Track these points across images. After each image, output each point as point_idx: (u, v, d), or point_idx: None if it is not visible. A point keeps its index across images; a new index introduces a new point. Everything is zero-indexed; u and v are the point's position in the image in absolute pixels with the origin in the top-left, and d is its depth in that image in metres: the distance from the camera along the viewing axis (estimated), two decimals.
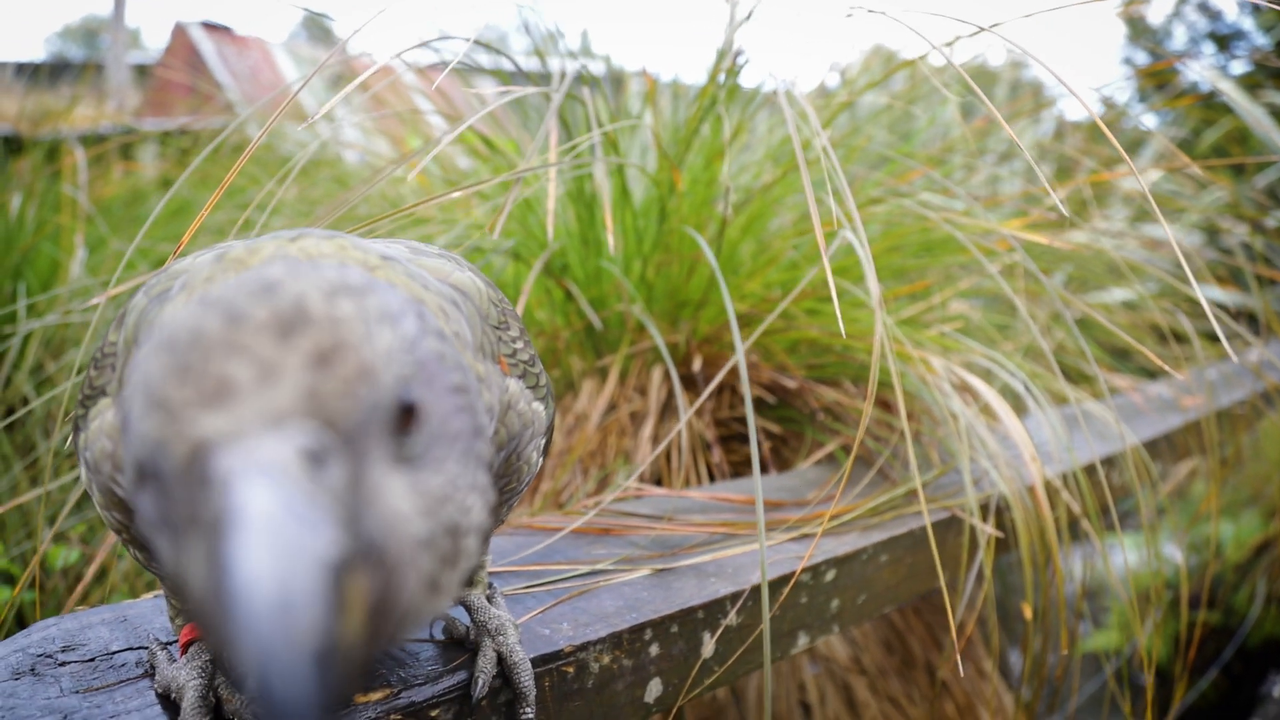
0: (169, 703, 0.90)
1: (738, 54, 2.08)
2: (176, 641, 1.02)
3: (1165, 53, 6.86)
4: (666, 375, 2.30)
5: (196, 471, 0.46)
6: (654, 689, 1.18)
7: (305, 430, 0.46)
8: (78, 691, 0.92)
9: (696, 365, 2.09)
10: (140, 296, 0.85)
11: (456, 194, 2.03)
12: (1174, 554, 3.75)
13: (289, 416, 0.46)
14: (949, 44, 1.91)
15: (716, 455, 2.15)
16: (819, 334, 2.25)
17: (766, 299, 2.32)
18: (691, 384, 2.32)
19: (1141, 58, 7.54)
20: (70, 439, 0.91)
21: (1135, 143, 4.84)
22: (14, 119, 5.37)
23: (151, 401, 0.48)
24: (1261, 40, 6.71)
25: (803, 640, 1.40)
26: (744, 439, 2.40)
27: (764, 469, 2.14)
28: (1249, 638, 4.47)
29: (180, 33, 11.47)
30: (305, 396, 0.47)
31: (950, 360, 1.94)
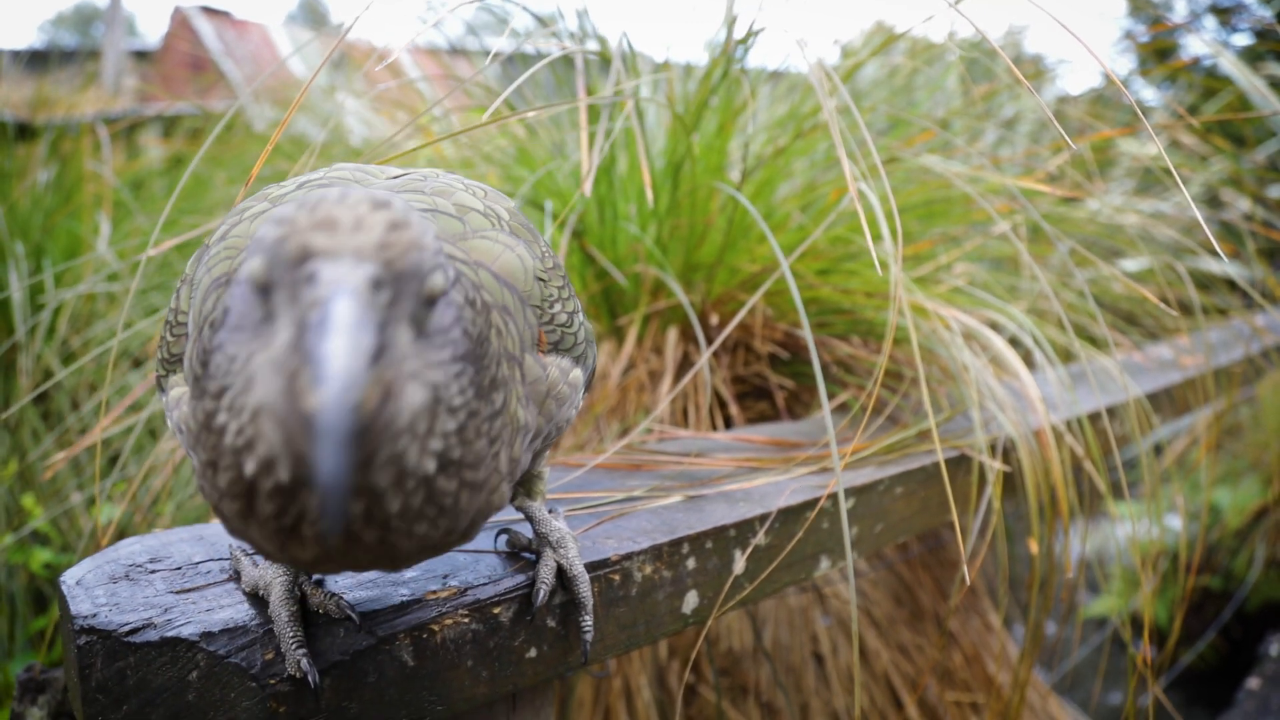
0: (257, 599, 0.98)
1: (751, 25, 2.15)
2: None
3: (1166, 25, 6.90)
4: (682, 334, 2.38)
5: (301, 267, 0.67)
6: (690, 600, 1.26)
7: (374, 265, 0.67)
8: (172, 592, 1.00)
9: (714, 322, 2.16)
10: (202, 271, 0.94)
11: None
12: (1174, 521, 3.84)
13: (366, 252, 0.67)
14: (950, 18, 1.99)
15: (734, 409, 2.24)
16: (830, 292, 2.32)
17: (775, 261, 2.40)
18: (708, 343, 2.40)
19: (1142, 31, 7.58)
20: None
21: (1136, 116, 4.90)
22: (20, 105, 5.42)
23: (280, 220, 0.69)
24: (1263, 12, 6.75)
25: (824, 564, 1.49)
26: (758, 395, 2.48)
27: (780, 419, 2.22)
28: (1247, 601, 4.56)
29: (180, 17, 11.49)
30: (379, 245, 0.68)
31: (960, 312, 2.02)
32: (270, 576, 0.97)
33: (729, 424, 2.23)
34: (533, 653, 1.08)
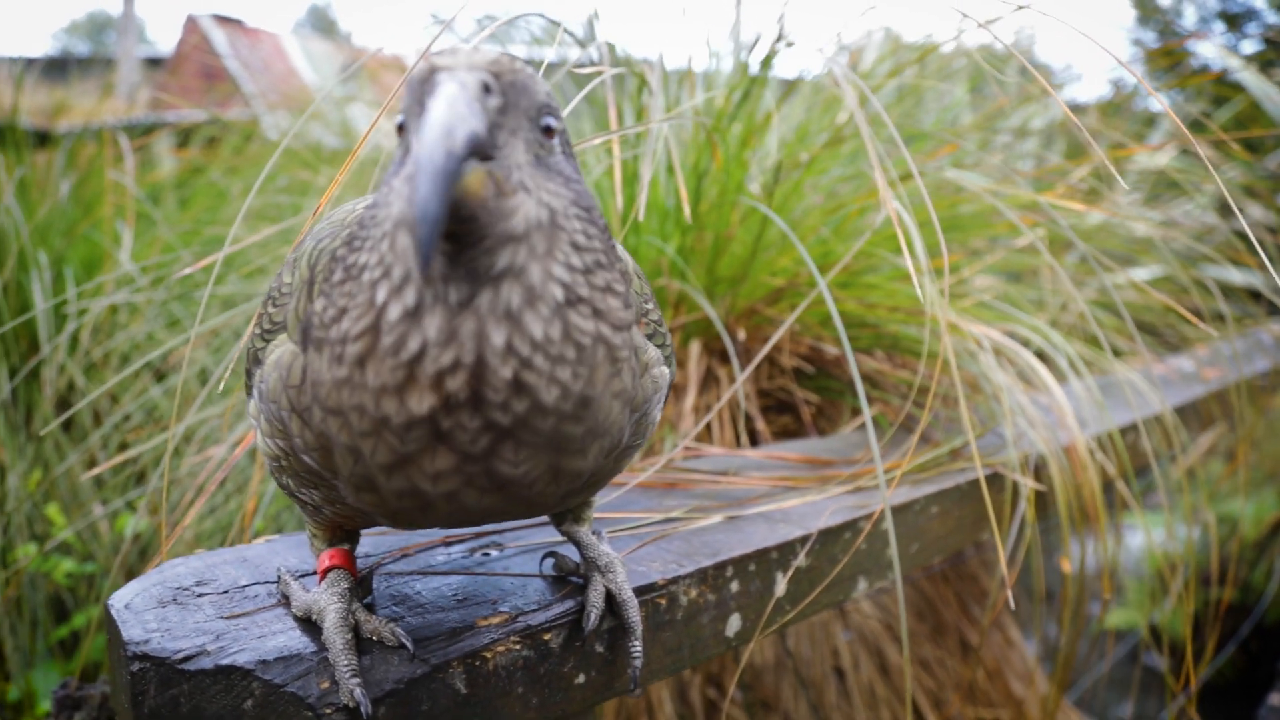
0: (309, 625, 0.98)
1: (777, 39, 2.14)
2: (307, 574, 1.10)
3: (1176, 32, 6.88)
4: (705, 348, 2.37)
5: (425, 84, 0.73)
6: (734, 624, 1.26)
7: (485, 73, 0.74)
8: (222, 617, 1.00)
9: (741, 337, 2.16)
10: (310, 242, 0.94)
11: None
12: (1191, 533, 3.81)
13: (478, 65, 0.74)
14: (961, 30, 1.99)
15: (760, 424, 2.23)
16: (855, 306, 2.32)
17: (798, 275, 2.39)
18: (728, 357, 2.39)
19: (1151, 38, 7.56)
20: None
21: (1146, 123, 4.89)
22: (36, 113, 5.44)
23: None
24: (1274, 19, 6.73)
25: (862, 585, 1.48)
26: (781, 409, 2.47)
27: (807, 434, 2.21)
28: (1267, 614, 4.52)
29: (193, 25, 11.54)
30: (491, 62, 0.76)
31: (989, 328, 2.01)
32: (325, 602, 0.96)
33: (754, 437, 2.23)
34: (581, 679, 1.07)
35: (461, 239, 0.71)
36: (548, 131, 0.80)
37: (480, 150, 0.70)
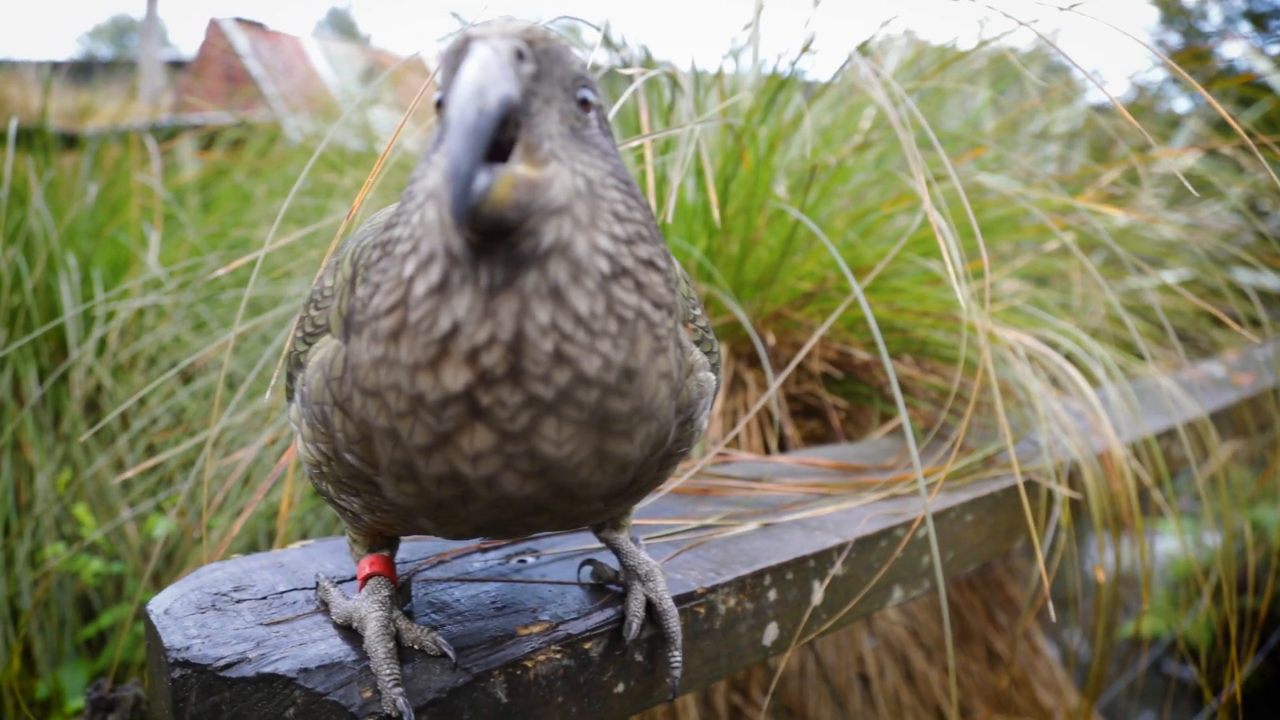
0: (350, 633, 0.98)
1: (807, 42, 2.13)
2: (345, 580, 1.10)
3: (1200, 33, 6.81)
4: (731, 352, 2.36)
5: (461, 49, 0.72)
6: (771, 633, 1.25)
7: (518, 41, 0.73)
8: (262, 624, 0.99)
9: (771, 341, 2.15)
10: (351, 244, 0.93)
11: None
12: (1214, 539, 3.77)
13: (511, 33, 0.73)
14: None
15: (788, 429, 2.21)
16: (884, 311, 2.30)
17: (825, 279, 2.38)
18: (755, 361, 2.38)
19: (1174, 39, 7.48)
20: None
21: (1170, 125, 4.85)
22: (62, 115, 5.49)
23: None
24: None
25: (898, 594, 1.46)
26: (808, 413, 2.46)
27: (836, 439, 2.20)
28: None
29: (215, 29, 11.62)
30: (524, 30, 0.75)
31: (1022, 333, 1.99)
32: (365, 610, 0.96)
33: (781, 442, 2.21)
34: (620, 688, 1.07)
35: (498, 229, 0.69)
36: (584, 105, 0.79)
37: (513, 115, 0.69)
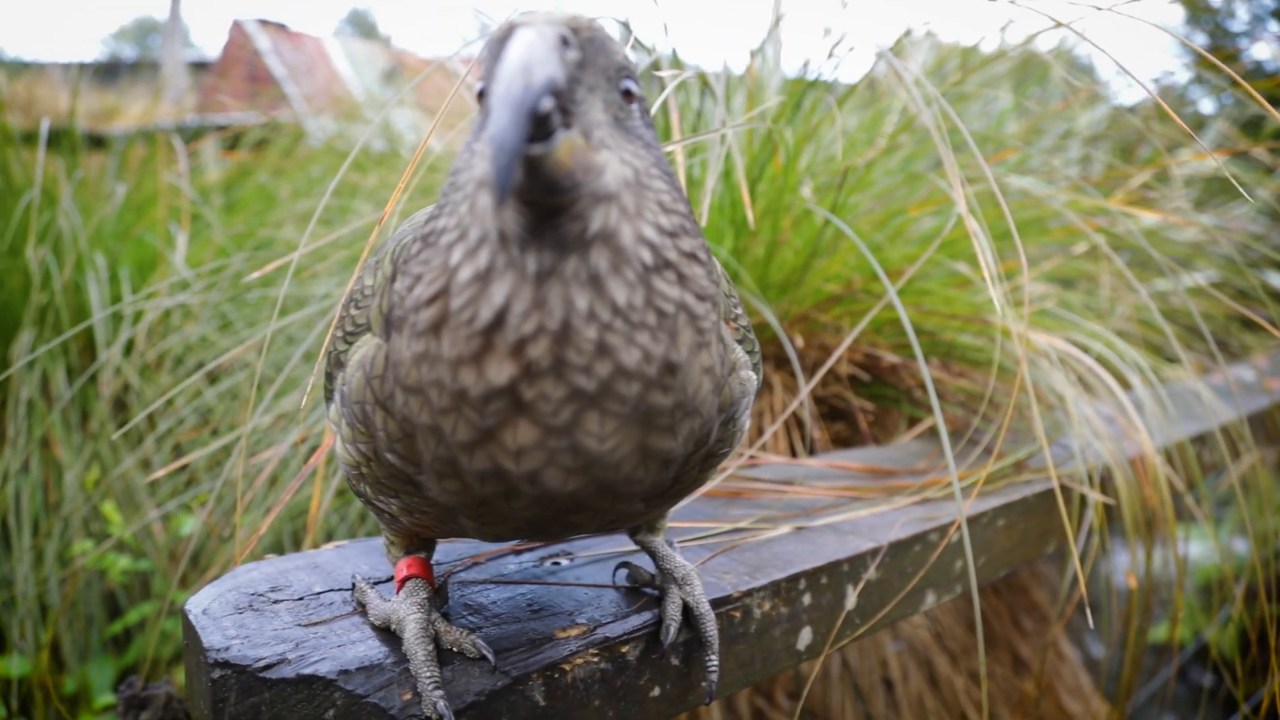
0: (388, 634, 0.97)
1: (838, 41, 2.12)
2: (381, 581, 1.10)
3: (1228, 32, 6.74)
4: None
5: (504, 36, 0.70)
6: (805, 637, 1.24)
7: (563, 28, 0.71)
8: (300, 625, 1.00)
9: (800, 344, 2.13)
10: (391, 243, 0.93)
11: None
12: (1240, 545, 3.72)
13: (556, 20, 0.72)
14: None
15: (815, 432, 2.20)
16: (913, 314, 2.28)
17: (851, 281, 2.37)
18: (782, 363, 2.37)
19: (1201, 39, 7.40)
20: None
21: (1195, 126, 4.80)
22: (88, 116, 5.54)
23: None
24: None
25: (930, 598, 1.45)
26: (834, 416, 2.45)
27: (864, 443, 2.18)
28: None
29: (238, 30, 11.70)
30: (569, 19, 0.74)
31: (1053, 337, 1.97)
32: (404, 612, 0.96)
33: (807, 444, 2.20)
34: (656, 692, 1.06)
35: (547, 207, 0.69)
36: (627, 95, 0.78)
37: (558, 96, 0.68)
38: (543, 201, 0.68)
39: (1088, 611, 1.31)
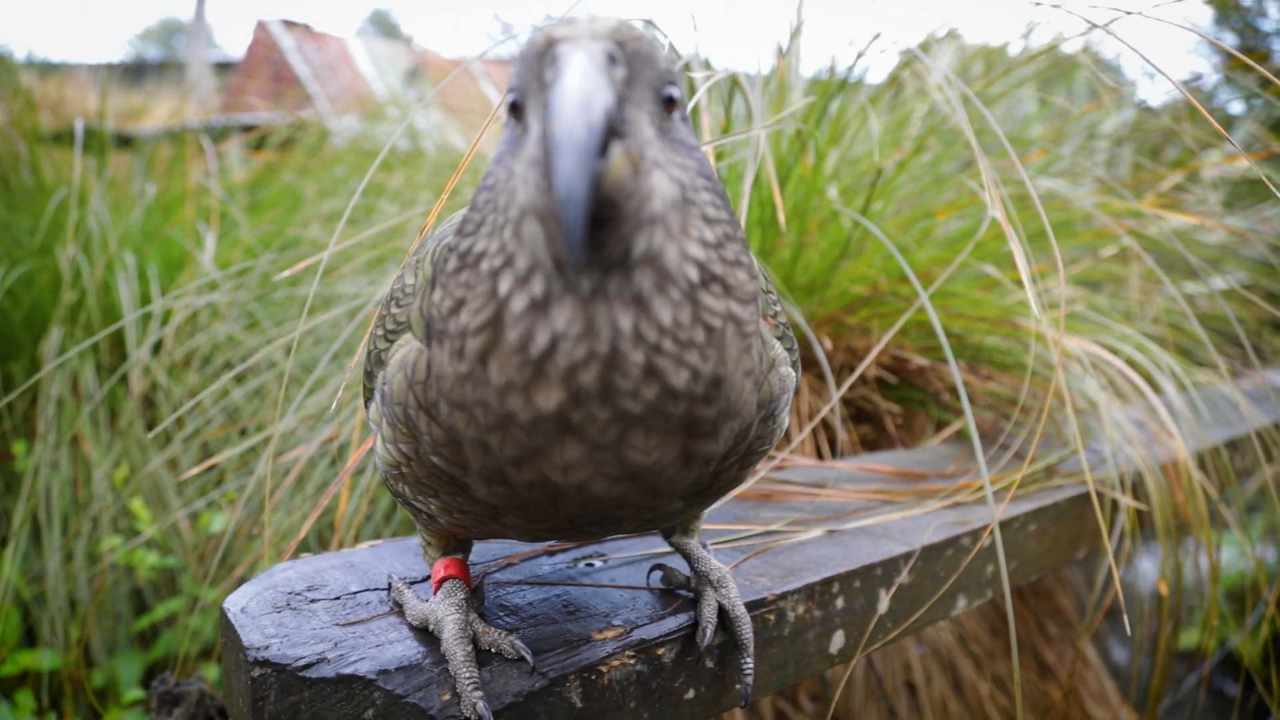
0: (425, 635, 0.98)
1: (873, 39, 2.11)
2: (418, 581, 1.10)
3: (1258, 31, 6.65)
4: None
5: (545, 57, 0.70)
6: (837, 640, 1.23)
7: (609, 43, 0.69)
8: (338, 624, 1.00)
9: (828, 346, 2.13)
10: (432, 243, 0.93)
11: None
12: (1268, 553, 3.68)
13: (600, 34, 0.70)
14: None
15: (842, 435, 2.19)
16: (940, 316, 2.27)
17: (877, 283, 2.36)
18: (809, 365, 2.36)
19: (1230, 39, 7.31)
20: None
21: (1224, 127, 4.74)
22: (115, 116, 5.58)
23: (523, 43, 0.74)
24: None
25: (961, 603, 1.44)
26: (859, 418, 2.44)
27: (892, 445, 2.17)
28: None
29: (262, 30, 11.79)
30: (613, 30, 0.72)
31: (1084, 340, 1.96)
32: (443, 613, 0.96)
33: (833, 446, 2.19)
34: (691, 694, 1.06)
35: (596, 227, 0.65)
36: (669, 103, 0.76)
37: (612, 126, 0.65)
38: (595, 219, 0.65)
39: (1125, 618, 1.30)
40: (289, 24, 11.57)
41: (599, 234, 0.66)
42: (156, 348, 2.95)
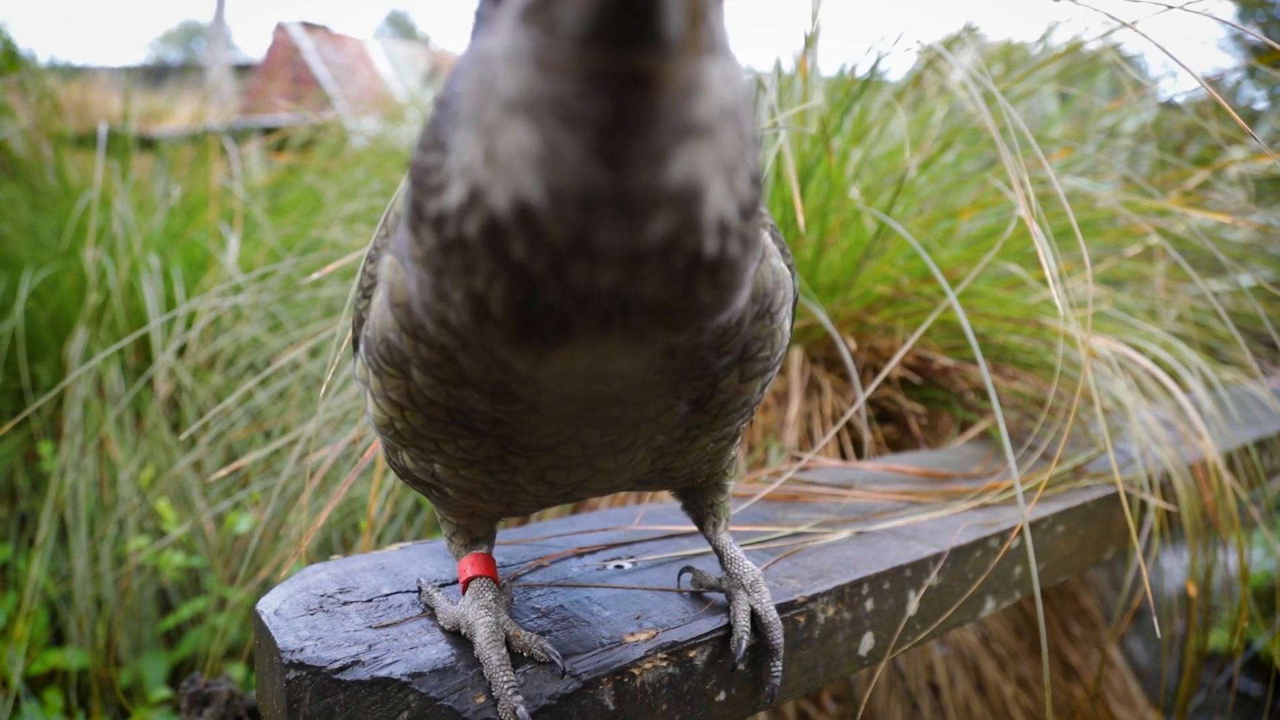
0: (458, 638, 0.98)
1: (898, 38, 2.10)
2: (448, 584, 1.11)
3: None
4: (806, 355, 2.34)
5: None
6: (867, 642, 1.23)
7: None
8: (371, 627, 1.01)
9: (852, 346, 2.12)
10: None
11: None
12: None
13: None
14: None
15: (866, 435, 2.19)
16: (967, 316, 2.26)
17: (900, 283, 2.35)
18: (832, 365, 2.35)
19: (1254, 34, 7.22)
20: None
21: (1248, 123, 4.70)
22: (136, 118, 5.63)
23: None
24: None
25: (990, 604, 1.43)
26: (883, 418, 2.43)
27: (916, 446, 2.17)
28: None
29: (282, 32, 11.86)
30: None
31: (1111, 340, 1.94)
32: (474, 616, 0.96)
33: (856, 446, 2.19)
34: (721, 696, 1.06)
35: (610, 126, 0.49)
36: None
37: None
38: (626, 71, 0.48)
39: (1154, 619, 1.29)
40: (308, 26, 11.64)
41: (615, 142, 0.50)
42: (181, 350, 2.97)
